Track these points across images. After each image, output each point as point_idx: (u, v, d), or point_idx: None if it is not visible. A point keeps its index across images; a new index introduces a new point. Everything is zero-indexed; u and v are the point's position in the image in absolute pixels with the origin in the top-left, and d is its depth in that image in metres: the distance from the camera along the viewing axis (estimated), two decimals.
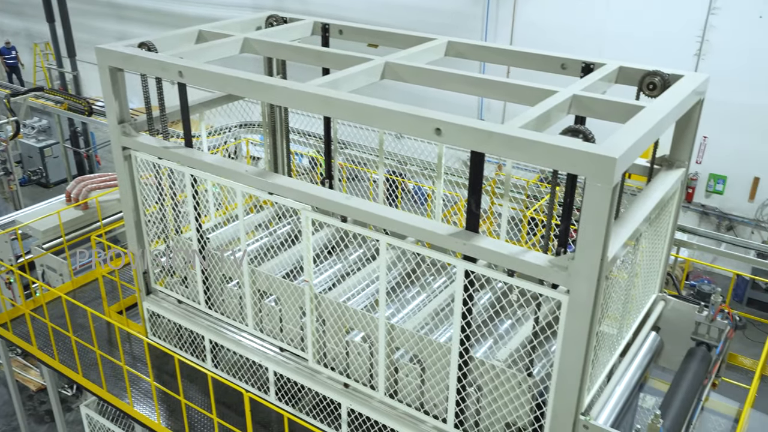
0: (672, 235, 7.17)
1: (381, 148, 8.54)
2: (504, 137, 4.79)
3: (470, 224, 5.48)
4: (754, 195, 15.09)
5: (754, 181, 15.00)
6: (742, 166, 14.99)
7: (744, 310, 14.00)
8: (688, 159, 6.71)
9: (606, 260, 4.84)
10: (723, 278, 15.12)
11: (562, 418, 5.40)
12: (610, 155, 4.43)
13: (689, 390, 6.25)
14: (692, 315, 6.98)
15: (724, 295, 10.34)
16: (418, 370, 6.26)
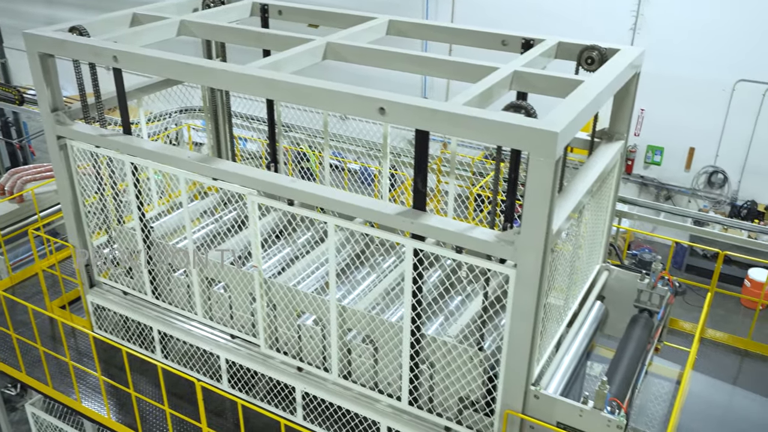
0: (613, 206, 7.34)
1: (326, 129, 8.47)
2: (447, 115, 4.81)
3: (417, 203, 5.50)
4: (690, 165, 15.58)
5: (690, 151, 15.48)
6: (678, 137, 15.45)
7: (683, 276, 14.49)
8: (626, 131, 6.87)
9: (551, 233, 4.93)
10: (663, 246, 15.63)
11: (513, 389, 5.51)
12: (552, 130, 4.49)
13: (633, 356, 6.45)
14: (634, 283, 7.18)
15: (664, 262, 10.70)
16: (371, 350, 6.28)
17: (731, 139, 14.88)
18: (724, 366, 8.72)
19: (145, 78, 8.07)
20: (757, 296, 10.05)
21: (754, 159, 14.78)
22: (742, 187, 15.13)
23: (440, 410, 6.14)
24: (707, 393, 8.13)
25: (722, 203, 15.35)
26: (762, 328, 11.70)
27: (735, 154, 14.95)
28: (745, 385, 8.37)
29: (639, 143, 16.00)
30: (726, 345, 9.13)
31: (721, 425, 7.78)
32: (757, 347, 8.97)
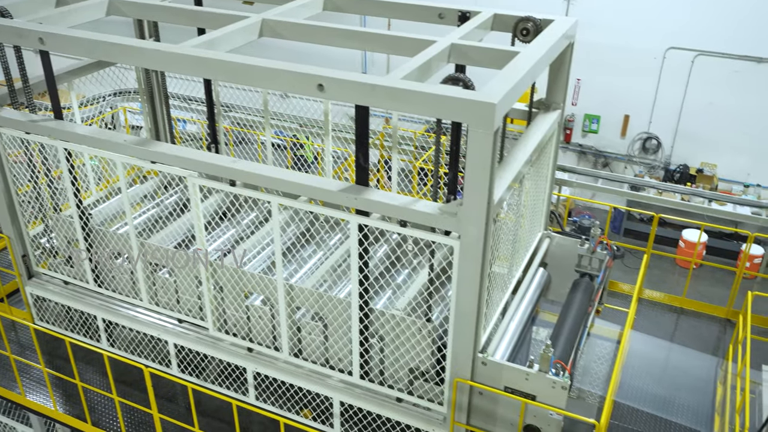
0: (553, 174, 7.51)
1: (266, 108, 8.37)
2: (386, 89, 4.82)
3: (360, 179, 5.52)
4: (626, 132, 16.03)
5: (625, 119, 15.91)
6: (614, 105, 15.85)
7: (621, 240, 15.00)
8: (563, 101, 7.01)
9: (492, 204, 5.02)
10: (602, 212, 16.09)
11: (462, 357, 5.64)
12: (489, 101, 4.56)
13: (576, 319, 6.66)
14: (575, 249, 7.40)
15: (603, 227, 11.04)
16: (321, 327, 6.32)
17: (663, 105, 15.34)
18: (662, 324, 9.10)
19: (75, 60, 7.80)
20: (691, 256, 10.48)
21: (685, 124, 15.30)
22: (674, 152, 15.66)
23: (391, 382, 6.24)
24: (646, 350, 8.46)
25: (656, 168, 15.87)
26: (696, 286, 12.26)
27: (667, 120, 15.44)
28: (681, 341, 8.76)
29: (576, 112, 16.36)
30: (663, 304, 9.51)
31: (660, 380, 8.13)
32: (691, 304, 9.38)
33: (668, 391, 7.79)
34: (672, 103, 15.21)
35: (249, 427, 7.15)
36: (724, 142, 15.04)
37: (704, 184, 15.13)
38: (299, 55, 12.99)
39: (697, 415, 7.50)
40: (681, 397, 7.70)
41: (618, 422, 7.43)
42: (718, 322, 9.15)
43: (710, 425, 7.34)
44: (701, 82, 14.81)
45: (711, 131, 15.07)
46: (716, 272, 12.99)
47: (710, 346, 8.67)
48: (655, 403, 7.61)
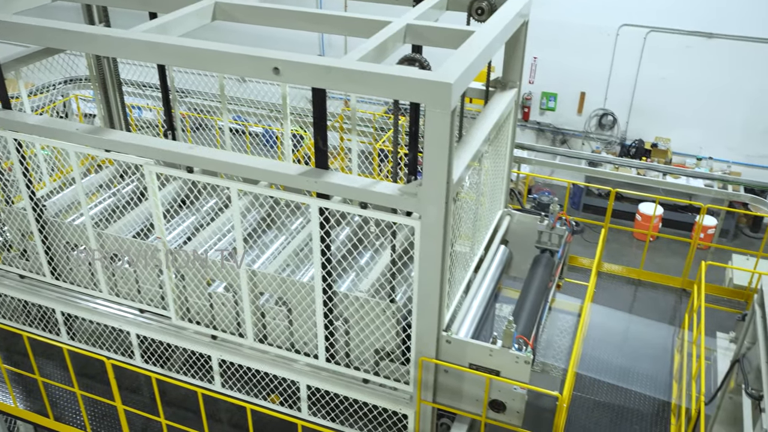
0: (511, 152, 7.58)
1: (222, 93, 8.25)
2: (342, 71, 4.78)
3: (319, 162, 5.49)
4: (582, 109, 16.23)
5: (581, 96, 16.11)
6: (570, 83, 16.03)
7: (581, 215, 15.26)
8: (519, 79, 7.06)
9: (452, 183, 5.05)
10: (561, 188, 16.31)
11: (426, 336, 5.69)
12: (445, 81, 4.56)
13: (537, 294, 6.77)
14: (535, 225, 7.50)
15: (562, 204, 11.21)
16: (285, 311, 6.30)
17: (618, 82, 15.57)
18: (621, 296, 9.32)
19: (22, 48, 7.57)
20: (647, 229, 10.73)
21: (639, 100, 15.56)
22: (630, 127, 15.93)
23: (357, 364, 6.27)
24: (606, 322, 8.68)
25: (613, 144, 16.13)
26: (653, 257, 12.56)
27: (622, 96, 15.68)
28: (639, 312, 8.99)
29: (534, 90, 16.50)
30: (621, 276, 9.74)
31: (620, 350, 8.34)
32: (648, 276, 9.62)
33: (628, 361, 8.01)
34: (626, 79, 15.45)
35: (216, 414, 7.13)
36: (677, 117, 15.35)
37: (659, 159, 15.44)
38: (256, 38, 12.82)
39: (656, 383, 7.73)
40: (640, 366, 7.92)
41: (580, 393, 7.62)
42: (674, 292, 9.41)
43: (668, 392, 7.57)
44: (654, 58, 15.06)
45: (664, 106, 15.36)
46: (672, 244, 13.33)
47: (667, 315, 8.92)
48: (615, 373, 7.82)
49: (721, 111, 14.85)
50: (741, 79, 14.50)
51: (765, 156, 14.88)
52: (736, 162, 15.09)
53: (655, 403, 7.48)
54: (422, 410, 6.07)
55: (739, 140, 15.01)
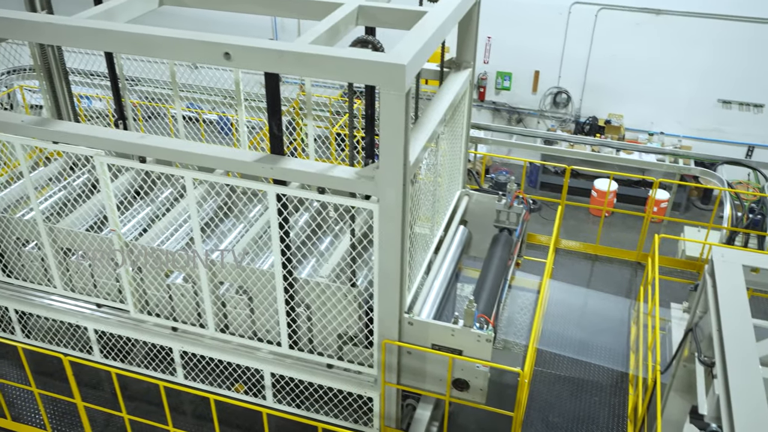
0: (467, 133, 7.61)
1: (174, 80, 8.07)
2: (294, 55, 4.72)
3: (275, 147, 5.43)
4: (537, 87, 16.37)
5: (535, 74, 16.23)
6: (524, 61, 16.13)
7: (538, 193, 15.44)
8: (473, 59, 7.07)
9: (409, 165, 5.04)
10: (518, 167, 16.47)
11: (388, 319, 5.71)
12: (399, 62, 4.53)
13: (497, 273, 6.84)
14: (493, 205, 7.56)
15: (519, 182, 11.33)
16: (246, 300, 6.25)
17: (571, 60, 15.73)
18: (578, 271, 9.50)
19: None
20: (602, 204, 10.92)
21: (592, 77, 15.75)
22: (583, 104, 16.13)
23: (321, 349, 6.26)
24: (565, 298, 8.83)
25: (567, 121, 16.33)
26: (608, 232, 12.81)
27: (575, 74, 15.85)
28: (597, 286, 9.18)
29: (489, 70, 16.55)
30: (578, 252, 9.91)
31: (579, 324, 8.51)
32: (604, 251, 9.81)
33: (587, 335, 8.18)
34: (578, 57, 15.61)
35: (179, 407, 7.06)
36: (629, 93, 15.60)
37: (612, 135, 15.69)
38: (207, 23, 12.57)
39: (614, 355, 7.92)
40: (599, 339, 8.10)
41: (542, 368, 7.76)
42: (629, 265, 9.63)
43: (626, 363, 7.76)
44: (605, 36, 15.24)
45: (616, 83, 15.59)
46: (626, 218, 13.60)
47: (623, 289, 9.13)
48: (575, 347, 7.98)
49: (670, 86, 15.15)
50: (688, 55, 14.80)
51: (713, 129, 15.25)
52: (686, 136, 15.43)
53: (614, 375, 7.66)
54: (387, 392, 6.11)
55: (688, 115, 15.34)
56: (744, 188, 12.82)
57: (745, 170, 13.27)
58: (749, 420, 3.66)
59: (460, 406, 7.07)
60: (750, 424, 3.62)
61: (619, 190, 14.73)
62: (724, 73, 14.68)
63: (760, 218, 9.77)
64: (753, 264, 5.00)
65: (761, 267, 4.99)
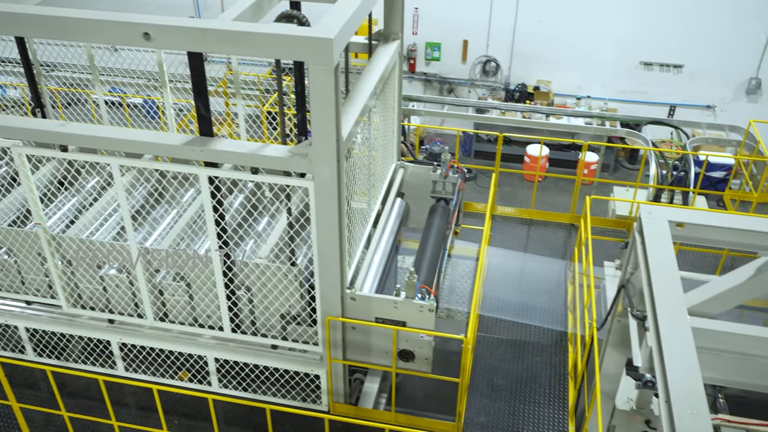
0: (399, 105, 7.60)
1: (92, 64, 7.74)
2: (217, 33, 4.58)
3: (203, 129, 5.28)
4: (466, 57, 16.45)
5: (464, 44, 16.30)
6: (452, 31, 16.17)
7: (472, 162, 15.58)
8: (401, 30, 7.04)
9: (341, 141, 5.00)
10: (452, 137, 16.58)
11: (330, 296, 5.70)
12: (326, 36, 4.46)
13: (436, 243, 6.91)
14: (428, 175, 7.60)
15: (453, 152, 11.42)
16: (184, 286, 6.12)
17: (497, 27, 15.85)
18: (515, 236, 9.69)
19: None
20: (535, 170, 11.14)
21: (519, 44, 15.93)
22: (512, 72, 16.32)
23: (264, 331, 6.21)
24: (504, 263, 9.00)
25: (498, 89, 16.50)
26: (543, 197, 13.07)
27: (502, 41, 16.00)
28: (533, 250, 9.39)
29: (418, 41, 16.53)
30: (515, 218, 10.10)
31: (519, 287, 8.71)
32: (539, 215, 10.03)
33: (526, 298, 8.38)
34: (505, 24, 15.75)
35: (122, 400, 6.90)
36: (555, 59, 15.86)
37: (541, 101, 15.95)
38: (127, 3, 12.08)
39: (552, 315, 8.14)
40: (537, 301, 8.30)
41: (484, 333, 7.91)
42: (564, 227, 9.87)
43: (564, 323, 8.00)
44: (530, 2, 15.41)
45: (543, 49, 15.81)
46: (559, 182, 13.88)
47: (559, 251, 9.36)
48: (515, 310, 8.16)
49: (594, 51, 15.47)
50: (610, 19, 15.13)
51: (637, 91, 15.69)
52: (611, 99, 15.82)
53: (554, 334, 7.89)
54: (333, 369, 6.12)
55: (613, 78, 15.72)
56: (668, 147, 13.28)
57: (668, 129, 13.72)
58: (680, 368, 3.82)
59: (407, 377, 7.15)
60: (680, 373, 3.78)
61: (551, 155, 15.01)
62: (644, 36, 15.09)
63: (684, 175, 10.16)
64: (678, 219, 5.18)
65: (686, 222, 5.18)
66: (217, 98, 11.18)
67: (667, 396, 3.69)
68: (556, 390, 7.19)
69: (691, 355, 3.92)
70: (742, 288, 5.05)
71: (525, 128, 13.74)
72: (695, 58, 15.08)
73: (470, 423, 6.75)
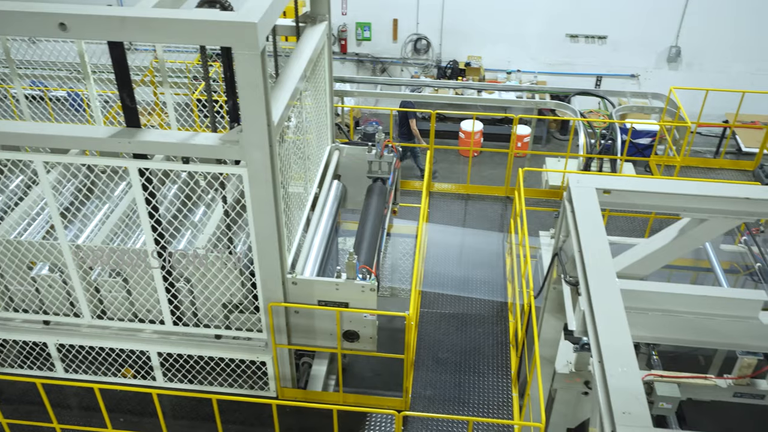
0: (331, 87, 7.57)
1: (9, 57, 7.42)
2: (138, 21, 4.47)
3: (130, 120, 5.16)
4: (397, 35, 16.48)
5: (394, 22, 16.31)
6: (382, 10, 16.15)
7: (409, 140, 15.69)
8: (327, 11, 6.99)
9: (273, 125, 4.97)
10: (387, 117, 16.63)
11: (271, 282, 5.68)
12: (250, 20, 4.41)
13: (374, 223, 6.96)
14: (364, 156, 7.63)
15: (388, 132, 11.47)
16: (121, 282, 6.00)
17: (427, 5, 15.92)
18: (453, 212, 9.82)
19: None
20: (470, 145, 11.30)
21: (449, 21, 16.05)
22: (443, 49, 16.44)
23: (207, 321, 6.15)
24: (443, 238, 9.14)
25: (430, 67, 16.61)
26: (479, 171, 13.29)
27: (432, 19, 16.08)
28: (471, 224, 9.55)
29: (348, 22, 16.45)
30: (452, 193, 10.24)
31: (459, 261, 8.86)
32: (475, 189, 10.20)
33: (466, 271, 8.54)
34: (434, 1, 15.83)
35: (63, 401, 6.73)
36: (484, 34, 16.06)
37: (473, 77, 16.15)
38: None
39: (493, 287, 8.33)
40: (477, 274, 8.48)
41: (428, 309, 8.04)
42: (500, 201, 10.07)
43: (504, 293, 8.20)
44: None
45: (472, 25, 15.98)
46: (494, 156, 14.14)
47: (496, 223, 9.55)
48: (456, 284, 8.31)
49: (522, 25, 15.73)
50: None
51: (564, 63, 16.06)
52: (541, 72, 16.15)
53: (494, 305, 8.08)
54: (279, 355, 6.13)
55: (541, 51, 16.04)
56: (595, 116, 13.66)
57: (595, 99, 14.11)
58: (610, 329, 4.00)
59: (355, 357, 7.22)
60: (611, 333, 3.95)
61: (485, 130, 15.24)
62: (569, 8, 15.42)
63: (611, 143, 10.49)
64: (605, 186, 5.38)
65: (612, 188, 5.38)
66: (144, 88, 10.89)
67: (599, 356, 3.86)
68: (499, 359, 7.39)
69: (620, 315, 4.10)
70: (666, 249, 5.30)
71: (458, 104, 13.91)
72: (618, 29, 15.52)
73: (417, 397, 6.88)
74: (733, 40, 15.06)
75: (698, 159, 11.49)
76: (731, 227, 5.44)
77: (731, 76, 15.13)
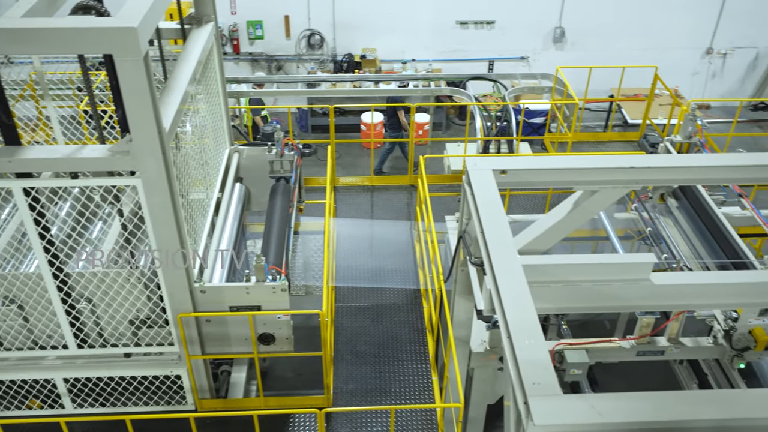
0: (224, 88, 7.43)
1: None
2: (5, 32, 4.20)
3: (8, 138, 4.88)
4: (289, 32, 16.33)
5: (286, 19, 16.15)
6: (272, 7, 15.96)
7: (311, 137, 15.62)
8: (213, 12, 6.85)
9: (164, 132, 4.82)
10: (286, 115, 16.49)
11: (178, 293, 5.53)
12: (129, 26, 4.24)
13: (281, 222, 6.89)
14: (264, 156, 7.53)
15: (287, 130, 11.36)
16: (16, 310, 5.67)
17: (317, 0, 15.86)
18: (360, 205, 9.88)
19: None
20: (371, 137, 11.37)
21: (340, 15, 16.06)
22: (337, 43, 16.44)
23: (114, 340, 5.92)
24: (352, 232, 9.18)
25: (325, 62, 16.57)
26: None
27: (323, 14, 16.04)
28: (379, 215, 9.64)
29: (238, 21, 16.16)
30: (358, 186, 10.28)
31: (370, 253, 8.93)
32: (380, 180, 10.29)
33: (378, 262, 8.62)
34: None
35: None
36: (377, 26, 16.16)
37: (369, 69, 16.23)
38: None
39: (405, 275, 8.45)
40: (389, 264, 8.57)
41: (343, 304, 8.06)
42: (405, 189, 10.21)
43: (416, 280, 8.33)
44: None
45: (363, 18, 16.04)
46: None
47: (403, 212, 9.68)
48: (369, 276, 8.37)
49: (413, 14, 15.94)
50: None
51: (456, 50, 16.42)
52: (435, 60, 16.44)
53: (408, 293, 8.19)
54: (194, 366, 5.98)
55: (433, 39, 16.32)
56: (490, 100, 14.04)
57: (489, 83, 14.50)
58: (515, 304, 4.12)
59: (274, 359, 7.14)
60: (516, 308, 4.08)
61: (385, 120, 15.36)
62: None
63: (506, 124, 10.82)
64: (501, 167, 5.53)
65: (507, 168, 5.55)
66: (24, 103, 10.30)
67: (507, 332, 3.98)
68: (417, 345, 7.51)
69: (524, 290, 4.24)
70: (563, 222, 5.52)
71: (357, 97, 13.94)
72: (505, 14, 16.00)
73: (340, 392, 6.90)
74: (612, 18, 15.84)
75: (589, 134, 12.05)
76: (620, 196, 5.73)
77: (613, 53, 15.92)
